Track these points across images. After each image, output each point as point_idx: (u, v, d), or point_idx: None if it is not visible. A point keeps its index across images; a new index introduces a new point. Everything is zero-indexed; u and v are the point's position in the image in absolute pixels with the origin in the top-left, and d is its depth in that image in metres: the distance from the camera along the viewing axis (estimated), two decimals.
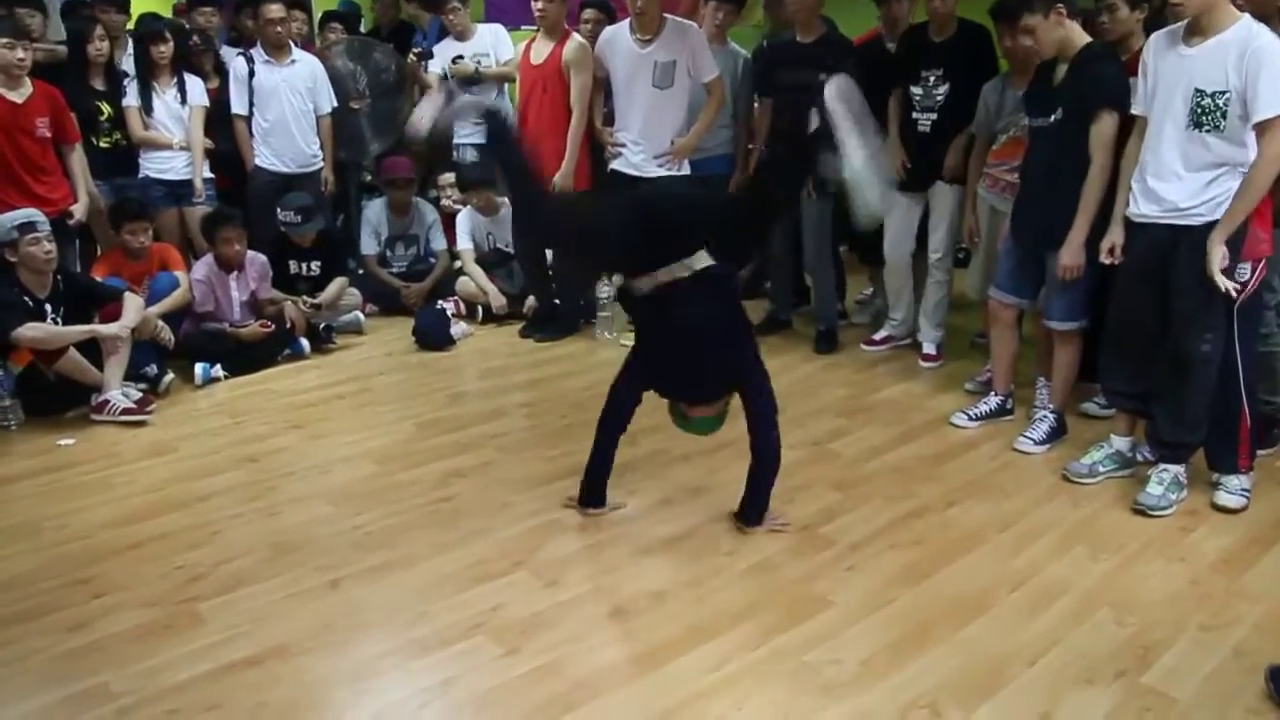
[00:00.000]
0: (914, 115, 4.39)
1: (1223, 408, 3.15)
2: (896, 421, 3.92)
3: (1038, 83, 3.56)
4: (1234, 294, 2.95)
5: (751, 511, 3.03)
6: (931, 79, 4.32)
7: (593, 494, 3.12)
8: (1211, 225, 2.95)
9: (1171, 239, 3.04)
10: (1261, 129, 2.82)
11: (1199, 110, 2.91)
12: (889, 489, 3.33)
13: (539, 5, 4.64)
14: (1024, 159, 3.72)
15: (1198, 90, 2.90)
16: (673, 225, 2.83)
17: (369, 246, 5.59)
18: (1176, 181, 2.99)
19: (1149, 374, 3.24)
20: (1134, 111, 3.17)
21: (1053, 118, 3.43)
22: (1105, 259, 3.24)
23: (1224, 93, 2.86)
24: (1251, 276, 3.06)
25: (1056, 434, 3.68)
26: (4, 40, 4.13)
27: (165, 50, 4.89)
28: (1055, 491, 3.31)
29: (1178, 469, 3.20)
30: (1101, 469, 3.36)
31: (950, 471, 3.47)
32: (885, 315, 4.96)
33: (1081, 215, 3.35)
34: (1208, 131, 2.92)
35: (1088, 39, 3.37)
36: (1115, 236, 3.22)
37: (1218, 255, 2.90)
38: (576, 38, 4.75)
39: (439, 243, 5.65)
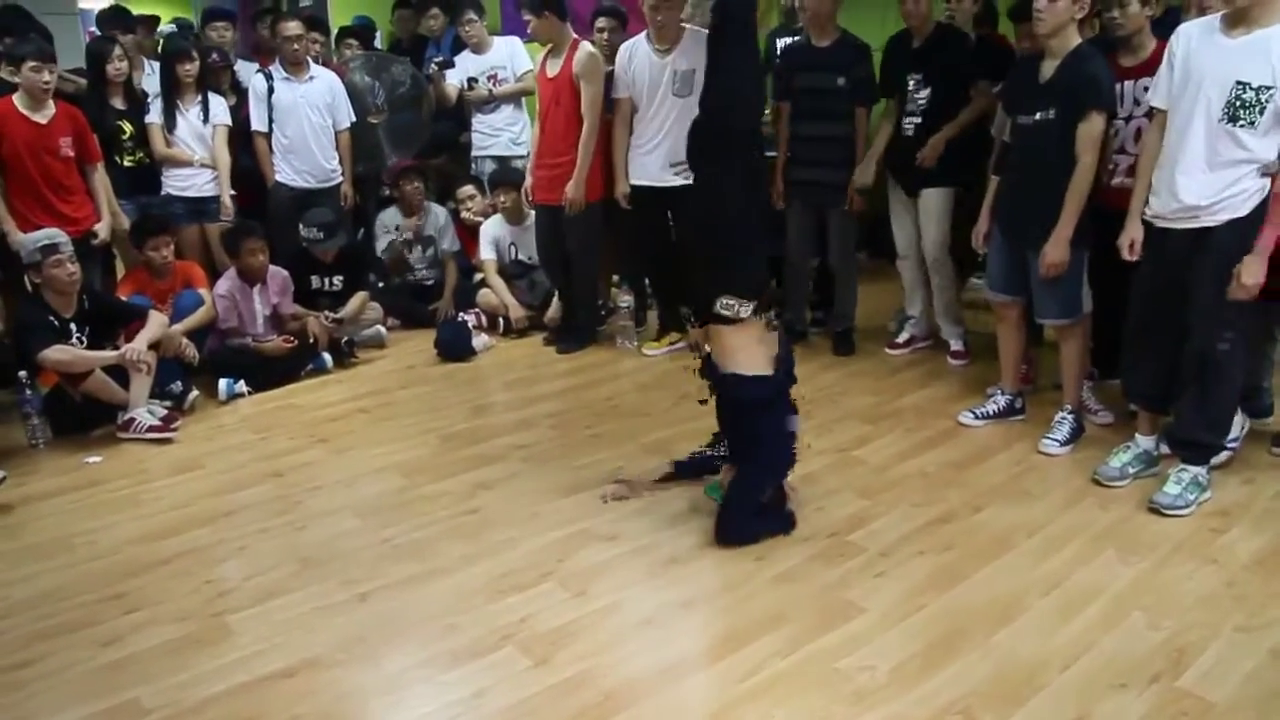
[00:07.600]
0: (901, 120, 4.47)
1: None
2: (921, 427, 3.91)
3: (1020, 78, 3.54)
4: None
5: None
6: (912, 83, 4.39)
7: None
8: (1231, 223, 2.93)
9: (1190, 237, 3.02)
10: None
11: (1238, 103, 2.87)
12: (916, 495, 3.32)
13: (529, 29, 4.70)
14: (1004, 155, 3.73)
15: (1240, 83, 2.86)
16: None
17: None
18: (1201, 176, 2.95)
19: (1170, 374, 3.22)
20: (1154, 104, 3.14)
21: (1039, 115, 3.42)
22: (1126, 255, 3.22)
23: (1270, 88, 2.82)
24: None
25: (1078, 433, 3.66)
26: (31, 63, 4.18)
27: (191, 69, 4.95)
28: (1082, 494, 3.28)
29: (1198, 469, 3.16)
30: (1131, 470, 3.33)
31: (976, 476, 3.46)
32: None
33: (1068, 212, 3.35)
34: (1242, 126, 2.88)
35: (1079, 39, 3.36)
36: (1134, 232, 3.19)
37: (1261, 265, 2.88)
38: (586, 47, 4.70)
39: (447, 243, 5.66)
